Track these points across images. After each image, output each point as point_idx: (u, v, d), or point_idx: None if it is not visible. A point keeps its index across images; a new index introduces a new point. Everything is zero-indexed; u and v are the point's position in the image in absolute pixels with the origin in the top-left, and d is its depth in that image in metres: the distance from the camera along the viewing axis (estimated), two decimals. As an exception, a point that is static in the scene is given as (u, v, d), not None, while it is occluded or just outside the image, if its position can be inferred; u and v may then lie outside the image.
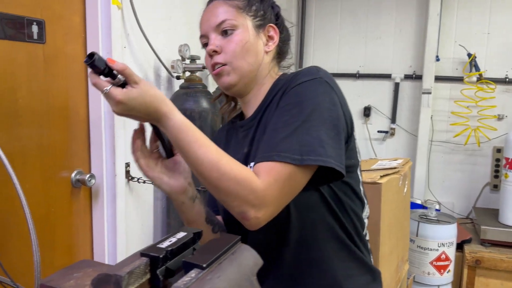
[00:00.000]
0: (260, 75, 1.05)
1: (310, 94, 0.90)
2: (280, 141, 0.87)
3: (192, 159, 0.85)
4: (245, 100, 1.09)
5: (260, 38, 1.04)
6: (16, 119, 1.47)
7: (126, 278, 0.55)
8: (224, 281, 0.57)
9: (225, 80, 1.02)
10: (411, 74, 3.36)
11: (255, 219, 0.85)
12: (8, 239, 1.45)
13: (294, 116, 0.88)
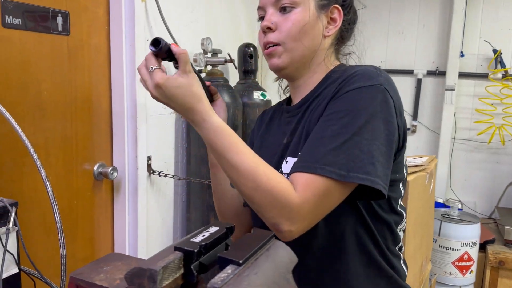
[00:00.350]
0: (314, 62, 0.97)
1: (365, 103, 0.81)
2: (326, 153, 0.79)
3: (228, 165, 0.81)
4: (294, 84, 1.01)
5: (320, 20, 0.94)
6: (40, 111, 1.47)
7: (161, 273, 0.53)
8: (261, 278, 0.55)
9: (275, 62, 0.94)
10: (434, 70, 3.29)
11: (288, 232, 0.80)
12: (32, 231, 1.46)
13: (345, 126, 0.80)
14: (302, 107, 0.98)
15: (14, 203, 0.90)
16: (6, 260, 0.88)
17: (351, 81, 0.84)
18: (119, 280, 0.63)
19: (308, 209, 0.80)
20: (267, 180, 0.79)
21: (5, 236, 0.87)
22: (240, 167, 0.80)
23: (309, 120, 0.92)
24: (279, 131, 1.03)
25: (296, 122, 0.97)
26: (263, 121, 1.13)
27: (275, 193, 0.78)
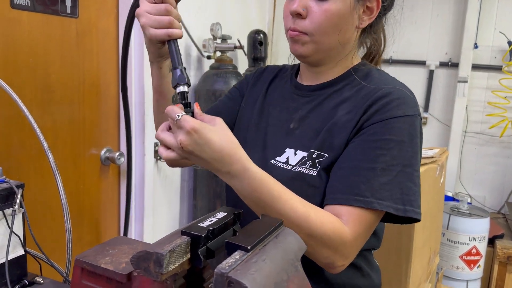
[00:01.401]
0: (341, 54, 0.91)
1: (411, 133, 0.81)
2: (381, 186, 0.78)
3: (277, 215, 0.74)
4: (312, 68, 0.95)
5: (356, 11, 0.86)
6: (48, 94, 1.46)
7: (167, 257, 0.52)
8: (269, 264, 0.53)
9: (298, 49, 0.88)
10: (447, 62, 3.23)
11: (342, 266, 0.81)
12: (38, 215, 1.46)
13: (396, 158, 0.79)
14: (315, 93, 0.94)
15: (20, 184, 0.89)
16: (12, 242, 0.88)
17: (394, 106, 0.82)
18: (124, 264, 0.62)
19: (360, 242, 0.82)
20: (321, 224, 0.76)
21: (11, 217, 0.86)
22: (292, 216, 0.75)
23: (323, 115, 0.89)
24: (285, 110, 0.97)
25: (307, 110, 0.93)
26: (262, 82, 1.06)
27: (329, 235, 0.76)
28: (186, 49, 1.96)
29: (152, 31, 0.79)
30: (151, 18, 0.79)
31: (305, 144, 0.89)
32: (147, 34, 0.81)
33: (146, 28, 0.80)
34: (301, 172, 0.86)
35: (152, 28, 0.79)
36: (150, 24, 0.79)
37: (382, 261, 1.57)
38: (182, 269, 0.57)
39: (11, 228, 0.86)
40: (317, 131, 0.88)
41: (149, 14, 0.79)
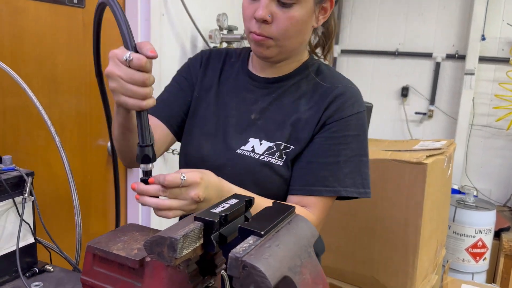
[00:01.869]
0: (299, 52, 0.98)
1: (363, 127, 0.95)
2: (344, 176, 0.91)
3: None
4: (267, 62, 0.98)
5: (314, 13, 0.92)
6: (55, 84, 1.46)
7: (181, 241, 0.52)
8: (283, 249, 0.53)
9: (263, 51, 0.91)
10: (454, 54, 3.21)
11: None
12: (46, 205, 1.46)
13: (354, 150, 0.92)
14: (273, 85, 0.98)
15: (30, 172, 0.89)
16: (22, 230, 0.88)
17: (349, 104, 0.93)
18: (136, 250, 0.62)
19: (322, 226, 0.94)
20: None
21: (21, 205, 0.87)
22: None
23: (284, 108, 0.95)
24: (243, 101, 1.00)
25: (268, 102, 0.97)
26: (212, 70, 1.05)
27: None
28: (192, 40, 1.95)
29: (123, 98, 0.70)
30: (124, 85, 0.69)
31: (270, 135, 0.94)
32: (116, 99, 0.71)
33: (117, 94, 0.70)
34: (269, 162, 0.92)
35: (124, 96, 0.70)
36: (122, 92, 0.69)
37: (388, 252, 1.58)
38: (195, 255, 0.57)
39: (22, 216, 0.86)
40: (280, 124, 0.95)
41: (121, 80, 0.68)
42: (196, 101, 1.04)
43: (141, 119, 0.71)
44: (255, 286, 0.48)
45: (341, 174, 0.90)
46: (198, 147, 0.99)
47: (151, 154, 0.71)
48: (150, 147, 0.71)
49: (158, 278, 0.59)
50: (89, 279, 0.65)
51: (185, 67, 1.08)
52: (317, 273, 0.56)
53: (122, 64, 0.68)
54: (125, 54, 0.68)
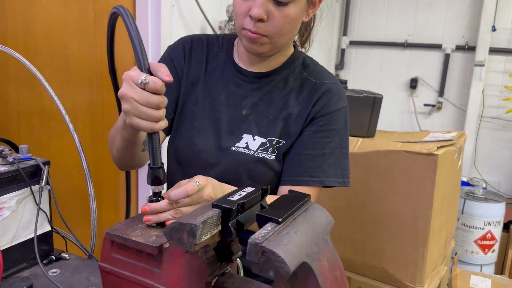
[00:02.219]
0: (287, 46, 0.99)
1: (346, 121, 1.00)
2: (328, 167, 0.97)
3: None
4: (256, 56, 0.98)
5: (306, 9, 0.93)
6: (67, 76, 1.47)
7: (200, 227, 0.53)
8: (301, 236, 0.53)
9: (257, 48, 0.91)
10: (463, 45, 3.18)
11: None
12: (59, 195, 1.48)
13: (338, 143, 0.98)
14: (262, 80, 1.00)
15: (46, 161, 0.90)
16: (39, 218, 0.89)
17: (335, 100, 0.98)
18: (154, 237, 0.63)
19: None
20: None
21: (38, 194, 0.88)
22: None
23: (275, 104, 0.98)
24: (232, 96, 1.00)
25: (258, 98, 0.99)
26: (196, 61, 1.03)
27: None
28: (202, 31, 1.95)
29: (136, 120, 0.68)
30: (138, 108, 0.67)
31: (262, 131, 0.97)
32: (129, 121, 0.69)
33: (129, 116, 0.68)
34: (263, 158, 0.96)
35: (137, 118, 0.68)
36: (135, 114, 0.68)
37: (398, 243, 1.58)
38: (213, 241, 0.58)
39: (39, 204, 0.88)
40: (272, 119, 0.98)
41: (136, 103, 0.67)
42: (184, 96, 1.02)
43: (153, 141, 0.70)
44: (274, 271, 0.48)
45: (326, 165, 0.97)
46: (189, 142, 0.99)
47: (161, 176, 0.71)
48: (161, 169, 0.71)
49: (176, 264, 0.60)
50: (107, 265, 0.67)
51: (167, 60, 1.02)
52: (334, 260, 0.57)
53: (137, 87, 0.67)
54: (140, 77, 0.67)
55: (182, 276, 0.59)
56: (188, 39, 1.05)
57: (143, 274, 0.63)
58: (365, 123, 1.79)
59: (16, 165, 0.84)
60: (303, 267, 0.51)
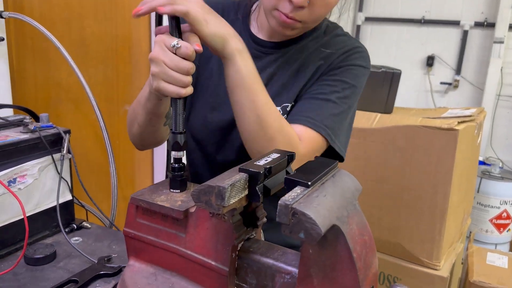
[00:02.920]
0: None
1: (361, 83, 0.93)
2: (328, 116, 0.88)
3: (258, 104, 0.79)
4: None
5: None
6: (84, 47, 1.46)
7: (228, 190, 0.52)
8: (330, 200, 0.53)
9: (287, 32, 0.87)
10: (482, 22, 3.10)
11: None
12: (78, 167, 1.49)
13: (346, 97, 0.90)
14: (281, 50, 0.95)
15: (67, 130, 0.90)
16: (60, 187, 0.90)
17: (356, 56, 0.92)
18: (180, 202, 0.63)
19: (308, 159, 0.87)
20: (287, 125, 0.82)
21: (60, 162, 0.88)
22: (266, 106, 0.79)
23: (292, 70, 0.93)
24: None
25: (275, 67, 0.94)
26: None
27: (290, 138, 0.81)
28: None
29: (163, 84, 0.68)
30: (167, 72, 0.67)
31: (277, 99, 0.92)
32: (156, 86, 0.69)
33: (157, 79, 0.68)
34: None
35: (165, 82, 0.68)
36: (164, 78, 0.68)
37: (415, 219, 1.57)
38: (240, 205, 0.57)
39: (60, 173, 0.88)
40: (287, 85, 0.93)
41: (165, 66, 0.67)
42: (197, 69, 0.96)
43: (176, 106, 0.70)
44: (305, 233, 0.48)
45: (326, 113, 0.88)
46: (203, 119, 0.97)
47: (182, 141, 0.70)
48: (182, 135, 0.70)
49: (202, 228, 0.60)
50: (132, 231, 0.67)
51: None
52: (363, 225, 0.56)
53: (169, 50, 0.67)
54: (172, 41, 0.67)
55: (208, 240, 0.59)
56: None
57: (168, 238, 0.63)
58: (383, 98, 1.76)
59: (38, 133, 0.84)
60: (333, 230, 0.50)
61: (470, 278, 1.51)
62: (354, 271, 0.50)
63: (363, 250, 0.53)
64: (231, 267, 0.58)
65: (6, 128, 0.89)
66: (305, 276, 0.53)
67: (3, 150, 0.79)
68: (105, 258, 0.80)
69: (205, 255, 0.59)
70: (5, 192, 0.79)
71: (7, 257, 0.84)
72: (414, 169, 1.52)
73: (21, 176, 0.82)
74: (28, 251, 0.81)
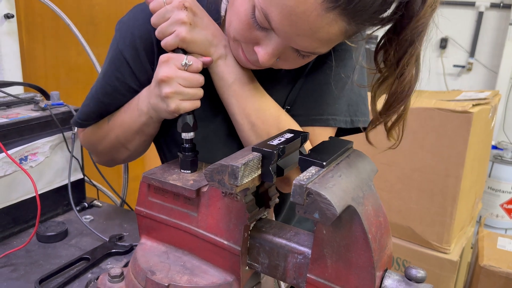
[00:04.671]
0: None
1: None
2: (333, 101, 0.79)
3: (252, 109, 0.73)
4: None
5: None
6: (93, 26, 1.44)
7: (242, 169, 0.51)
8: (345, 180, 0.52)
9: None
10: (499, 3, 3.02)
11: None
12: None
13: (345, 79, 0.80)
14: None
15: (77, 108, 0.89)
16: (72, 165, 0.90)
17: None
18: (192, 181, 0.62)
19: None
20: (288, 127, 0.73)
21: (71, 140, 0.88)
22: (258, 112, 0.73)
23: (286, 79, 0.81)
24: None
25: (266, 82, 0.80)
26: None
27: None
28: None
29: (182, 104, 0.67)
30: (184, 91, 0.66)
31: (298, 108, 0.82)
32: (174, 106, 0.67)
33: (174, 100, 0.67)
34: None
35: (181, 100, 0.67)
36: (181, 97, 0.67)
37: (426, 202, 1.56)
38: (253, 185, 0.56)
39: (72, 151, 0.88)
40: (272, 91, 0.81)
41: (180, 86, 0.66)
42: None
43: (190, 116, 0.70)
44: (319, 213, 0.47)
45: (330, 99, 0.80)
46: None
47: (191, 122, 0.69)
48: (191, 115, 0.69)
49: (214, 208, 0.59)
50: (143, 209, 0.66)
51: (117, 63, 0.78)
52: (378, 206, 0.55)
53: (180, 69, 0.66)
54: (182, 58, 0.66)
55: (220, 219, 0.59)
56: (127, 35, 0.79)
57: (180, 217, 0.62)
58: (396, 80, 1.73)
59: (49, 111, 0.84)
60: (348, 211, 0.50)
61: (480, 262, 1.50)
62: (369, 252, 0.49)
63: (378, 232, 0.52)
64: (243, 246, 0.58)
65: (17, 106, 0.89)
66: (319, 256, 0.52)
67: (14, 128, 0.79)
68: (117, 236, 0.81)
69: (217, 234, 0.59)
70: (16, 170, 0.79)
71: (19, 234, 0.84)
72: (426, 151, 1.50)
73: (32, 154, 0.82)
74: (40, 229, 0.82)
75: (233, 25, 0.66)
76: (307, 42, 0.61)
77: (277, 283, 0.70)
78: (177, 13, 0.66)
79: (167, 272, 0.60)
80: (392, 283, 0.50)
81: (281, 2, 0.57)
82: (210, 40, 0.69)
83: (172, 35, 0.66)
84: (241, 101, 0.72)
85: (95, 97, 0.77)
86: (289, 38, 0.61)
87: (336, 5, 0.56)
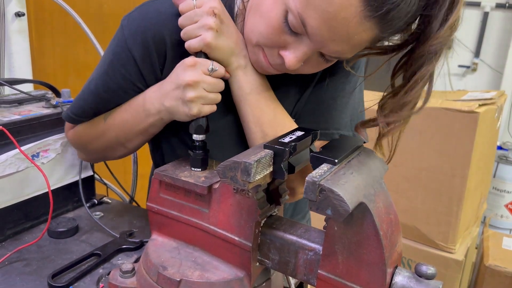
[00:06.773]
0: None
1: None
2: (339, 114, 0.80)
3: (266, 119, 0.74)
4: None
5: None
6: (102, 24, 1.45)
7: (254, 166, 0.52)
8: (357, 177, 0.52)
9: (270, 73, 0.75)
10: (504, 3, 3.02)
11: (301, 194, 0.81)
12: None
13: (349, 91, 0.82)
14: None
15: (88, 106, 0.90)
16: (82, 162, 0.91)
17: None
18: (203, 178, 0.63)
19: None
20: None
21: (81, 137, 0.89)
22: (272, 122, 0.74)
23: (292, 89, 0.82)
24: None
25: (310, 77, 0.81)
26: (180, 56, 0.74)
27: None
28: None
29: (203, 108, 0.68)
30: (207, 95, 0.68)
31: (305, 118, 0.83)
32: (196, 110, 0.68)
33: (197, 104, 0.67)
34: None
35: (202, 104, 0.68)
36: (203, 102, 0.68)
37: (432, 202, 1.56)
38: (264, 182, 0.57)
39: (82, 148, 0.88)
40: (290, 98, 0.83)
41: (204, 90, 0.67)
42: None
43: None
44: (332, 209, 0.48)
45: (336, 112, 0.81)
46: None
47: (204, 124, 0.70)
48: (204, 118, 0.70)
49: (226, 204, 0.60)
50: (155, 205, 0.67)
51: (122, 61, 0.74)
52: (389, 204, 0.55)
53: (206, 74, 0.68)
54: (208, 64, 0.68)
55: (231, 215, 0.59)
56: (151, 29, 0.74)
57: (192, 214, 0.63)
58: (401, 80, 1.74)
59: (60, 108, 0.85)
60: (360, 208, 0.50)
61: (486, 262, 1.50)
62: (380, 249, 0.50)
63: (389, 229, 0.53)
64: (254, 242, 0.58)
65: (28, 103, 0.90)
66: (330, 253, 0.53)
67: (27, 124, 0.80)
68: (127, 232, 0.81)
69: (229, 231, 0.60)
70: (28, 166, 0.80)
71: (30, 229, 0.85)
72: (432, 151, 1.50)
73: (44, 150, 0.83)
74: (51, 225, 0.83)
75: (259, 30, 0.66)
76: (339, 47, 0.62)
77: (286, 279, 0.70)
78: (206, 18, 0.67)
79: (179, 267, 0.60)
80: (403, 280, 0.51)
81: (321, 8, 0.57)
82: (232, 48, 0.70)
83: (198, 39, 0.67)
84: (256, 111, 0.74)
85: (94, 92, 0.76)
86: (323, 43, 0.62)
87: (375, 14, 0.57)
